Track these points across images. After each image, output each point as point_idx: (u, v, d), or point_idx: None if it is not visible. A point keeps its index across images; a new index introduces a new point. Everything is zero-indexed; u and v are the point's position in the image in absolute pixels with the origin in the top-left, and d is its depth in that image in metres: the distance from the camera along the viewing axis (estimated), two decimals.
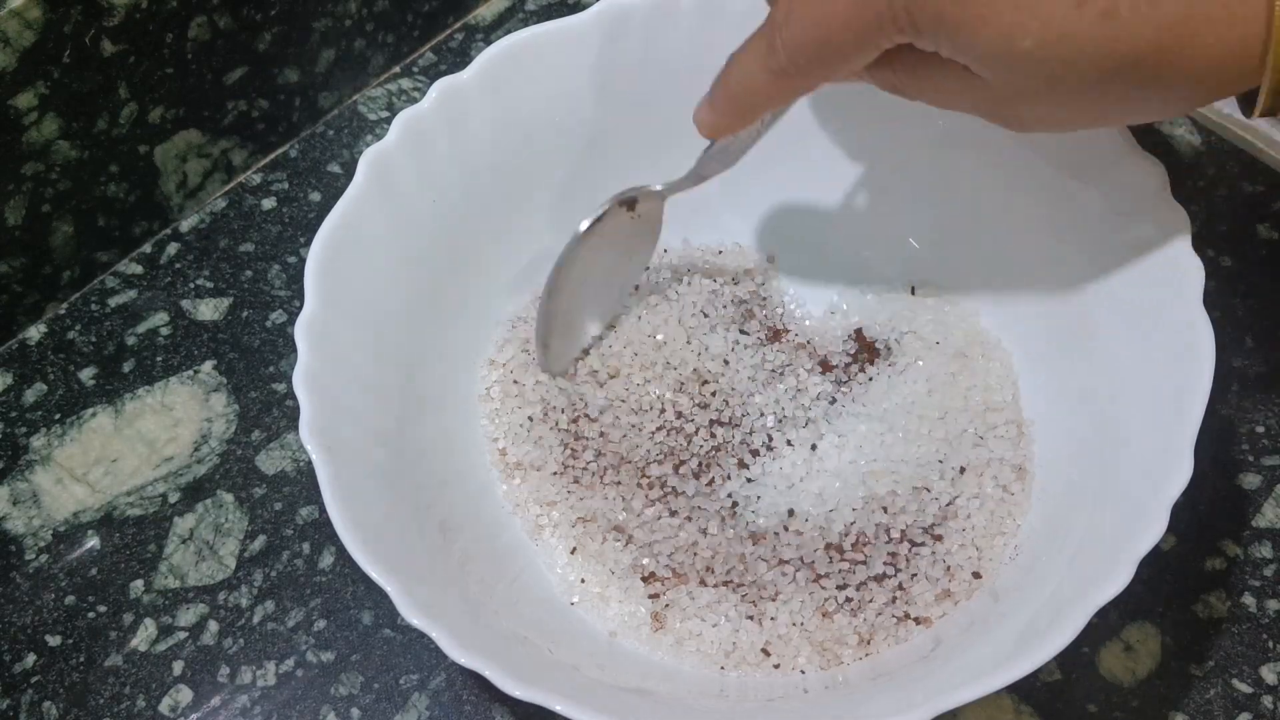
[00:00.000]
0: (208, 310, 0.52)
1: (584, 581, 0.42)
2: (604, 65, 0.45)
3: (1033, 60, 0.30)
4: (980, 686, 0.32)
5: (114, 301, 0.52)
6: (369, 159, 0.41)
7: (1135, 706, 0.41)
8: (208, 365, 0.50)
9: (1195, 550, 0.44)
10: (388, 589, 0.34)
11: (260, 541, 0.46)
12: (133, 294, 0.52)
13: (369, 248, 0.41)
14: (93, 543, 0.46)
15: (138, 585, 0.45)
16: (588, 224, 0.43)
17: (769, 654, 0.40)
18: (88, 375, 0.50)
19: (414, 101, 0.43)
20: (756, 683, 0.40)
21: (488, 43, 0.47)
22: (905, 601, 0.41)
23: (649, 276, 0.47)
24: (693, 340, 0.46)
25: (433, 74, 0.58)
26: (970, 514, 0.42)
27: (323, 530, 0.46)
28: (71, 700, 0.43)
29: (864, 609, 0.41)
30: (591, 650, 0.40)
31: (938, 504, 0.42)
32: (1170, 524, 0.33)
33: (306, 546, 0.46)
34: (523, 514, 0.44)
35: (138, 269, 0.53)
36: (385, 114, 0.57)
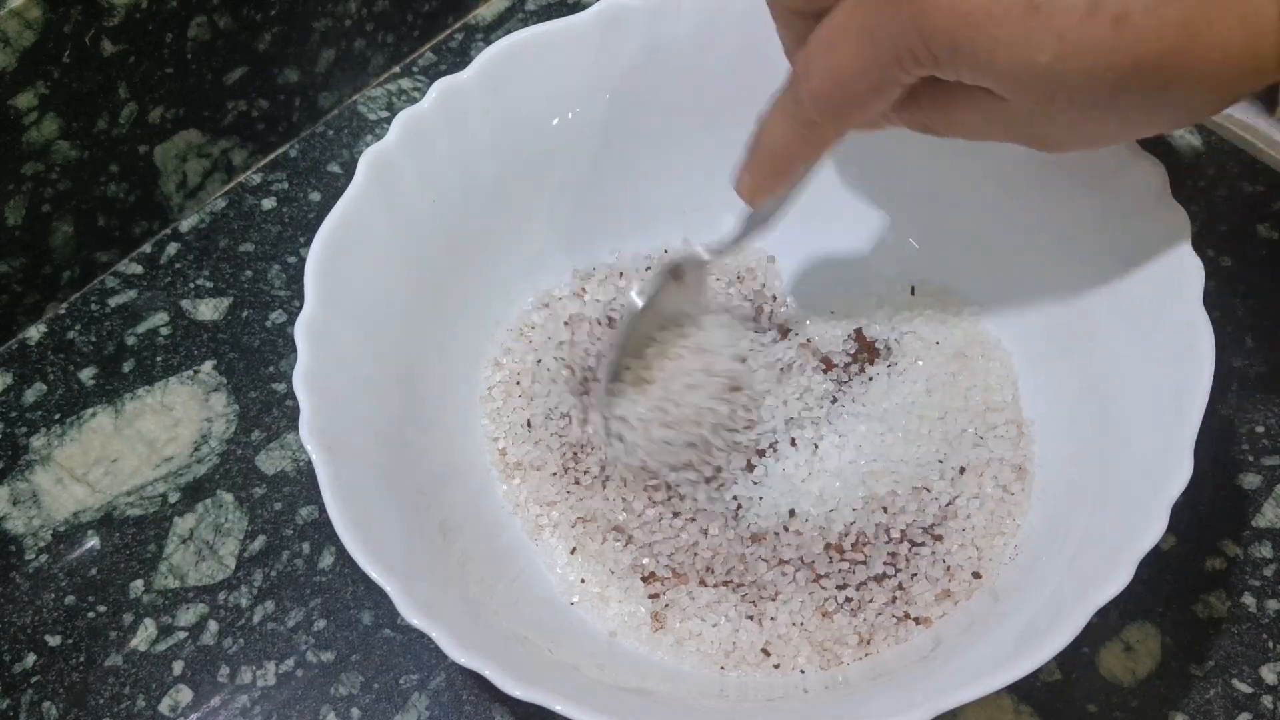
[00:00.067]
0: (208, 310, 0.52)
1: (584, 581, 0.42)
2: (604, 65, 0.45)
3: (1052, 74, 0.30)
4: (980, 686, 0.32)
5: (114, 301, 0.52)
6: (369, 159, 0.41)
7: (1135, 706, 0.41)
8: (208, 365, 0.50)
9: (1195, 550, 0.44)
10: (387, 589, 0.34)
11: (260, 541, 0.46)
12: (133, 294, 0.52)
13: (369, 248, 0.41)
14: (93, 543, 0.46)
15: (138, 585, 0.45)
16: (642, 302, 0.42)
17: (769, 654, 0.40)
18: (88, 375, 0.50)
19: (414, 101, 0.43)
20: (756, 683, 0.40)
21: (488, 43, 0.47)
22: (905, 601, 0.41)
23: None
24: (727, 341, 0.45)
25: (433, 74, 0.58)
26: (970, 514, 0.42)
27: (323, 530, 0.46)
28: (71, 700, 0.43)
29: (864, 609, 0.41)
30: (591, 650, 0.40)
31: (938, 504, 0.42)
32: (1170, 524, 0.33)
33: (306, 546, 0.46)
34: (523, 514, 0.44)
35: (138, 269, 0.53)
36: (385, 114, 0.57)
